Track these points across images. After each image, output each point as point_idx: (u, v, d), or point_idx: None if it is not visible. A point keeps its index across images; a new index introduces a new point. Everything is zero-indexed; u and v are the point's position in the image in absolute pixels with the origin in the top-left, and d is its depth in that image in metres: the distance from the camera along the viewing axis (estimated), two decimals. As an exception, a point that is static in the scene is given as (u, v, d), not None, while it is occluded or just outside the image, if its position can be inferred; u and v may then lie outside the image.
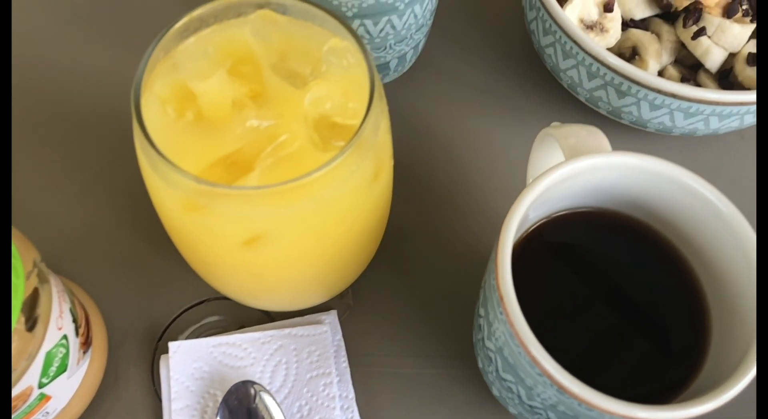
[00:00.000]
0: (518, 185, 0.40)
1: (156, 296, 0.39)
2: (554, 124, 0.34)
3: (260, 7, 0.29)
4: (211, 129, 0.27)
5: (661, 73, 0.43)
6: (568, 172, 0.29)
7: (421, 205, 0.43)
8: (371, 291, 0.40)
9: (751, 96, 0.38)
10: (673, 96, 0.38)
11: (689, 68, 0.43)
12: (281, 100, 0.28)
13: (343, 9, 0.37)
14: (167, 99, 0.27)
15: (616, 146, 0.45)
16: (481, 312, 0.31)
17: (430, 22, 0.43)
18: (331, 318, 0.38)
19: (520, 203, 0.27)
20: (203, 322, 0.38)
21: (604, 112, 0.43)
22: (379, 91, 0.27)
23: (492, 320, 0.28)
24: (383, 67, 0.43)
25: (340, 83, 0.28)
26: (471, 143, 0.45)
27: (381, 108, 0.28)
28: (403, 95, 0.46)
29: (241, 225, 0.26)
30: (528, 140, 0.45)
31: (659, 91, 0.38)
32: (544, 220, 0.31)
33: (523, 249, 0.30)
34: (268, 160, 0.26)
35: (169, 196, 0.26)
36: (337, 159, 0.25)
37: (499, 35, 0.49)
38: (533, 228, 0.31)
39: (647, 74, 0.38)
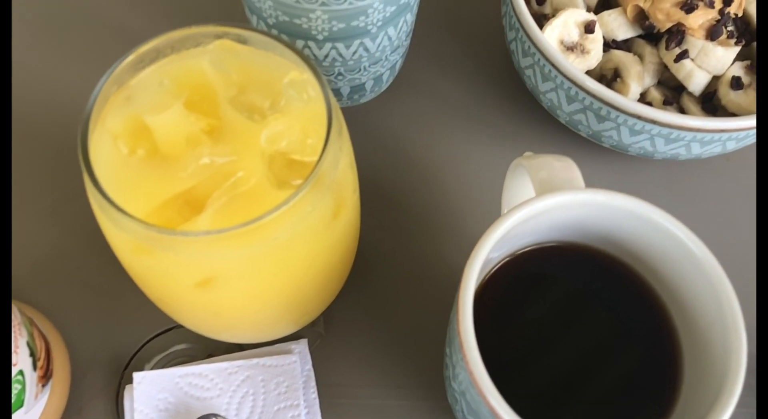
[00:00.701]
0: (496, 210, 0.40)
1: (122, 324, 0.38)
2: (527, 153, 0.33)
3: (219, 37, 0.28)
4: (164, 165, 0.26)
5: (643, 95, 0.42)
6: (535, 210, 0.28)
7: (396, 229, 0.42)
8: (344, 318, 0.39)
9: (733, 123, 0.37)
10: (653, 122, 0.37)
11: (673, 89, 0.42)
12: (238, 135, 0.27)
13: (314, 33, 0.36)
14: (119, 134, 0.26)
15: (597, 169, 0.44)
16: (447, 351, 0.30)
17: (407, 43, 0.42)
18: (302, 347, 0.37)
19: (481, 246, 0.26)
20: (170, 351, 0.38)
21: (584, 135, 0.42)
22: (338, 127, 0.26)
23: (455, 362, 0.27)
24: (359, 88, 0.42)
25: (299, 118, 0.27)
26: (449, 165, 0.44)
27: (340, 144, 0.27)
28: (380, 116, 0.45)
29: (193, 269, 0.26)
30: (507, 162, 0.44)
31: (639, 117, 0.37)
32: (509, 258, 0.31)
33: (486, 290, 0.29)
34: (221, 199, 0.26)
35: (118, 238, 0.25)
36: (292, 199, 0.24)
37: (480, 54, 0.48)
38: (498, 266, 0.30)
39: (626, 100, 0.37)
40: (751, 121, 0.37)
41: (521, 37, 0.40)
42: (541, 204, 0.28)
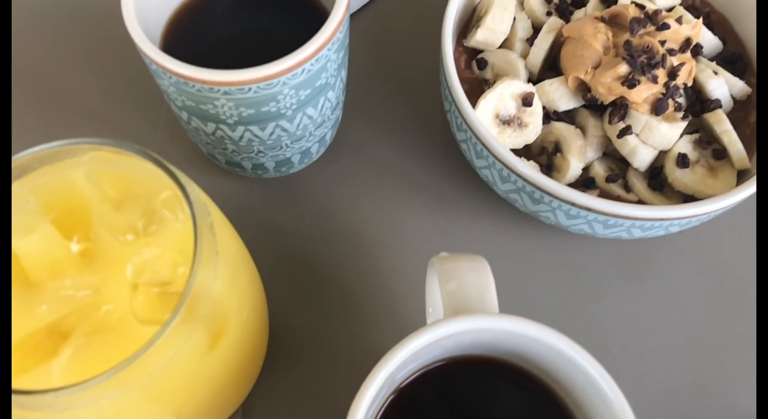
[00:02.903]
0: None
1: None
2: (442, 254, 0.31)
3: (94, 149, 0.26)
4: (26, 296, 0.25)
5: (587, 169, 0.39)
6: (440, 335, 0.26)
7: (323, 307, 0.40)
8: (265, 408, 0.37)
9: (674, 212, 0.35)
10: (588, 209, 0.35)
11: (620, 160, 0.40)
12: (108, 261, 0.25)
13: (223, 117, 0.34)
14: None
15: (539, 245, 0.42)
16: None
17: (335, 115, 0.39)
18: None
19: (370, 383, 0.24)
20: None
21: (524, 211, 0.40)
22: (210, 250, 0.24)
23: None
24: (285, 162, 0.40)
25: (171, 243, 0.25)
26: (383, 237, 0.42)
27: (215, 268, 0.25)
28: (311, 186, 0.43)
29: (53, 416, 0.24)
30: (448, 236, 0.42)
31: (572, 204, 0.35)
32: (416, 374, 0.29)
33: (391, 411, 0.27)
34: (84, 336, 0.24)
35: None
36: (155, 341, 0.22)
37: (421, 119, 0.46)
38: (397, 388, 0.28)
39: (558, 185, 0.35)
40: (692, 210, 0.35)
41: (454, 110, 0.38)
42: (443, 330, 0.26)
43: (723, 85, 0.40)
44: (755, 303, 0.41)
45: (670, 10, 0.42)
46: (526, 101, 0.38)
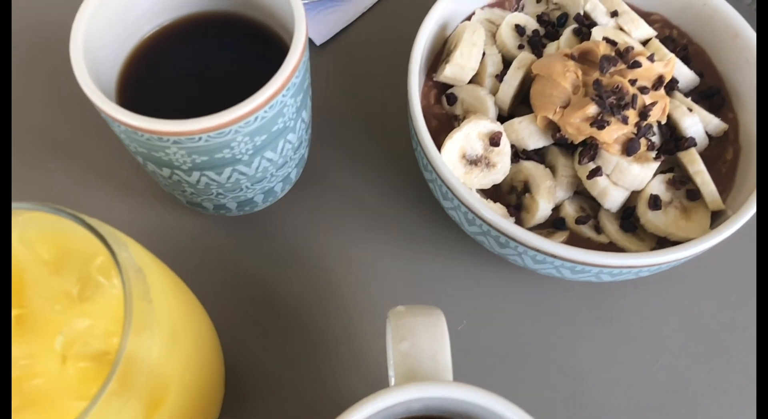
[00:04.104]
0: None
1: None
2: (398, 308, 0.30)
3: (27, 212, 0.25)
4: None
5: (558, 209, 0.38)
6: (390, 402, 0.25)
7: (287, 349, 0.39)
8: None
9: (641, 260, 0.34)
10: (553, 256, 0.34)
11: (593, 200, 0.39)
12: (40, 329, 0.24)
13: (176, 163, 0.33)
14: None
15: (508, 287, 0.40)
16: None
17: (299, 154, 0.38)
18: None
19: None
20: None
21: (492, 253, 0.39)
22: (141, 322, 0.23)
23: None
24: (248, 202, 0.39)
25: (107, 310, 0.24)
26: (348, 276, 0.41)
27: (147, 338, 0.24)
28: (275, 224, 0.42)
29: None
30: (416, 274, 0.41)
31: (537, 250, 0.34)
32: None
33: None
34: (15, 411, 0.23)
35: None
36: (83, 417, 0.21)
37: (392, 155, 0.44)
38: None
39: (523, 232, 0.34)
40: (661, 258, 0.34)
41: (420, 151, 0.37)
42: (392, 398, 0.25)
43: (698, 123, 0.38)
44: (731, 344, 0.40)
45: (645, 42, 0.41)
46: (494, 141, 0.37)
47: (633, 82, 0.36)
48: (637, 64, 0.37)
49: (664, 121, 0.38)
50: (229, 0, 0.37)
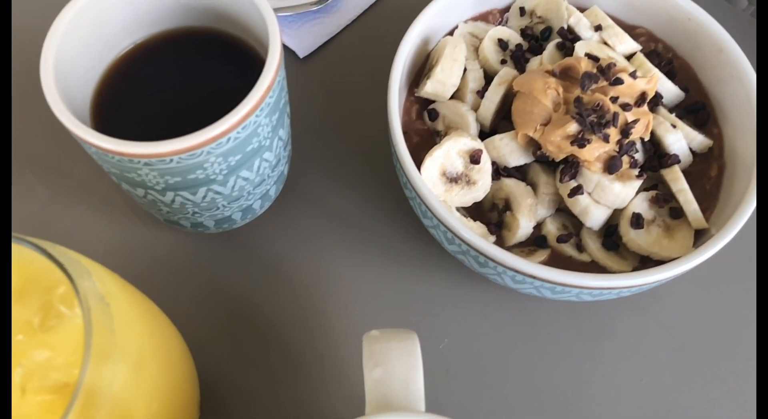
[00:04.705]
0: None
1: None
2: (373, 332, 0.30)
3: (-10, 237, 0.25)
4: None
5: (539, 227, 0.38)
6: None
7: (267, 368, 0.38)
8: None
9: (621, 281, 0.33)
10: (532, 277, 0.33)
11: (575, 217, 0.38)
12: (0, 360, 0.24)
13: (150, 184, 0.32)
14: None
15: (492, 300, 0.40)
16: None
17: (277, 172, 0.38)
18: None
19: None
20: None
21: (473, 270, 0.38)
22: (102, 353, 0.23)
23: None
24: (226, 220, 0.38)
25: (69, 341, 0.24)
26: (329, 293, 0.40)
27: (109, 369, 0.23)
28: (255, 241, 0.41)
29: None
30: (399, 292, 0.41)
31: (516, 271, 0.34)
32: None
33: None
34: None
35: None
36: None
37: (374, 170, 0.44)
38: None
39: (501, 252, 0.33)
40: (642, 279, 0.33)
41: (399, 169, 0.37)
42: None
43: (681, 139, 0.38)
44: (717, 362, 0.39)
45: (630, 56, 0.41)
46: (474, 159, 0.37)
47: (615, 99, 0.36)
48: (619, 81, 0.36)
49: (647, 138, 0.37)
50: (207, 16, 0.37)
